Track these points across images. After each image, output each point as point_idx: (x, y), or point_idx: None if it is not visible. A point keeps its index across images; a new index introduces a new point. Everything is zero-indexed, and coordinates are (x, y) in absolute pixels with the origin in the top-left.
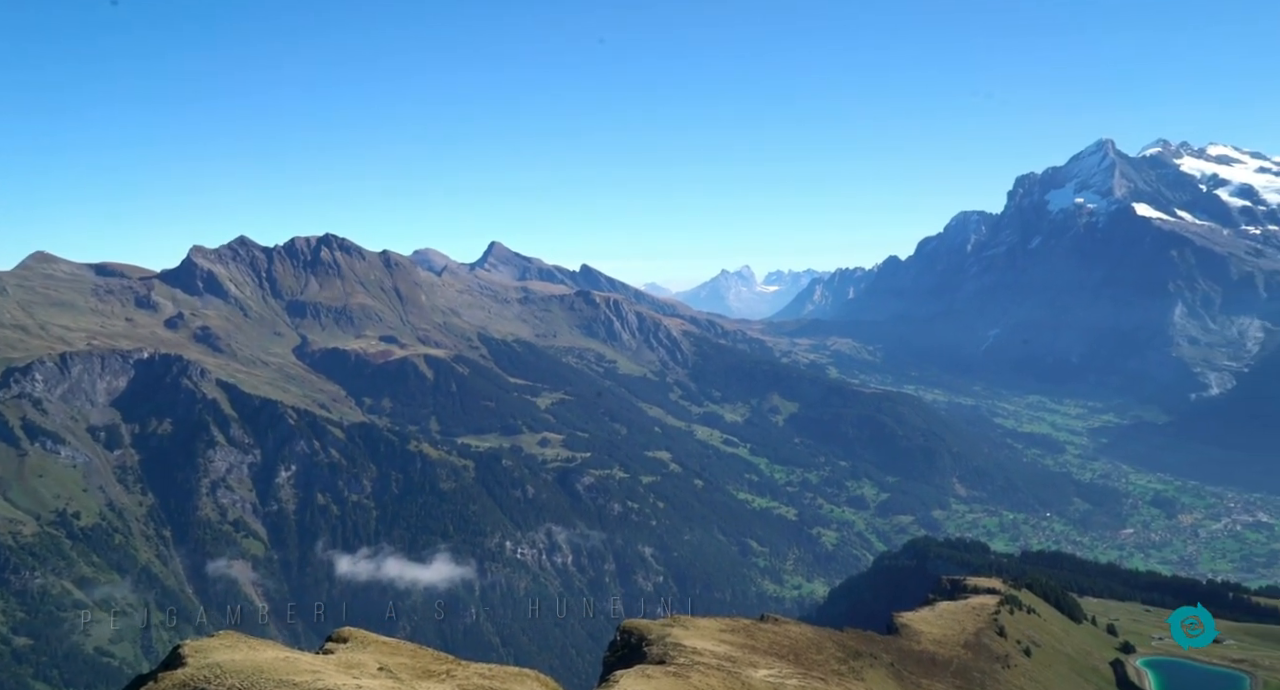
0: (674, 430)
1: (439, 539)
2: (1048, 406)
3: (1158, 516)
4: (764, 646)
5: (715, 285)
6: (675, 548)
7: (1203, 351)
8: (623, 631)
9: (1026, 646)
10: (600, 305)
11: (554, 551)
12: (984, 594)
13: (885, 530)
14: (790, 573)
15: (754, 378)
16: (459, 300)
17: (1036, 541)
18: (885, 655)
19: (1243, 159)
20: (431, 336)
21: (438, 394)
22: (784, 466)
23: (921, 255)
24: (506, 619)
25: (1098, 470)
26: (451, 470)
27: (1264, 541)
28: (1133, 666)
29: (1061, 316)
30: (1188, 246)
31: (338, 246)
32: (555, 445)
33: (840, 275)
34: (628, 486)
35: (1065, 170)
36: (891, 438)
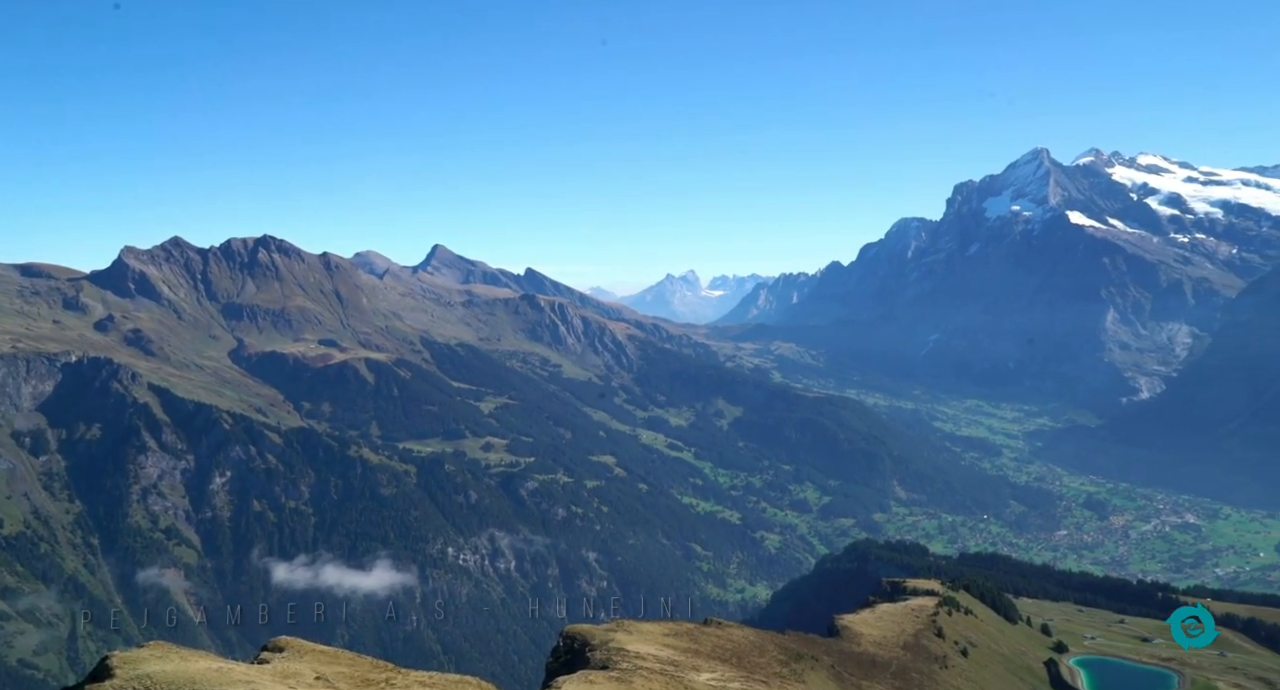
0: (619, 434)
1: (379, 545)
2: (985, 410)
3: (1090, 518)
4: (707, 650)
5: (660, 290)
6: (619, 552)
7: (1133, 357)
8: (565, 637)
9: (964, 647)
10: (545, 309)
11: (497, 557)
12: (923, 596)
13: (827, 533)
14: (733, 576)
15: (699, 382)
16: (401, 303)
17: (974, 543)
18: (826, 657)
19: (1171, 169)
20: (373, 340)
21: (379, 398)
22: (728, 470)
23: (863, 261)
24: (448, 626)
25: (1033, 473)
26: (393, 475)
27: (1191, 542)
28: (1066, 666)
29: (999, 322)
30: (1119, 254)
31: (276, 248)
32: (499, 450)
33: (784, 280)
34: (572, 491)
35: (1002, 178)
36: (834, 441)
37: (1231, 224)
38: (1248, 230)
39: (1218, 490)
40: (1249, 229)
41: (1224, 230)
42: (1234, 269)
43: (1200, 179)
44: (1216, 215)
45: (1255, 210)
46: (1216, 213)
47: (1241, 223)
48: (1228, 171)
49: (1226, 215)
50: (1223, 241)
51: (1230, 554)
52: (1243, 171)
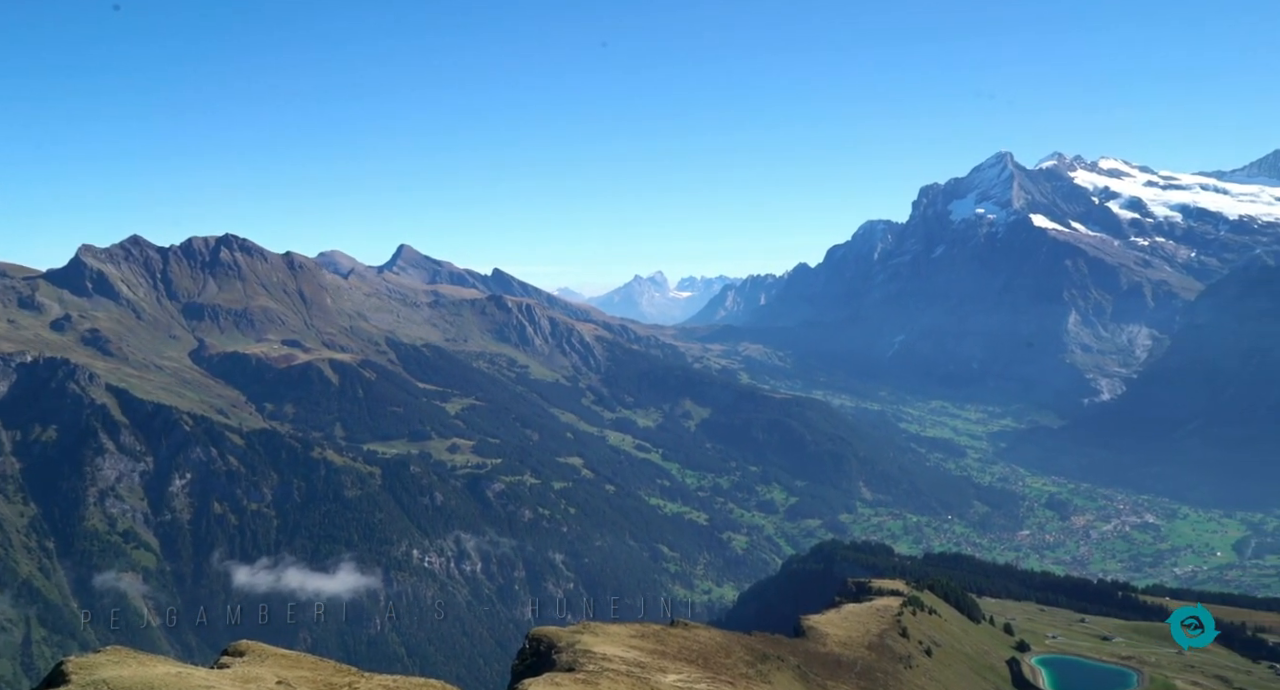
0: (586, 436)
1: (343, 548)
2: (950, 411)
3: (1052, 518)
4: (673, 652)
5: (629, 291)
6: (586, 554)
7: (1095, 358)
8: (531, 639)
9: (928, 647)
10: (513, 310)
11: (463, 559)
12: (888, 596)
13: (794, 534)
14: (701, 577)
15: (666, 383)
16: (366, 303)
17: (938, 543)
18: (792, 658)
19: (1132, 173)
20: (337, 340)
21: (343, 399)
22: (695, 472)
23: (831, 263)
24: (413, 629)
25: (996, 473)
26: (357, 477)
27: (1150, 542)
28: (1028, 664)
29: (964, 323)
30: (1081, 257)
31: (238, 247)
32: (465, 451)
33: (752, 282)
34: (539, 493)
35: (967, 181)
36: (801, 442)
37: (1190, 228)
38: (1206, 234)
39: (1176, 490)
40: (1207, 232)
41: (1183, 234)
42: (1192, 272)
43: (1160, 183)
44: (1175, 219)
45: (1213, 214)
46: (1175, 216)
47: (1200, 226)
48: (1187, 176)
49: (1185, 219)
50: (1181, 245)
51: (1188, 553)
52: (1201, 176)
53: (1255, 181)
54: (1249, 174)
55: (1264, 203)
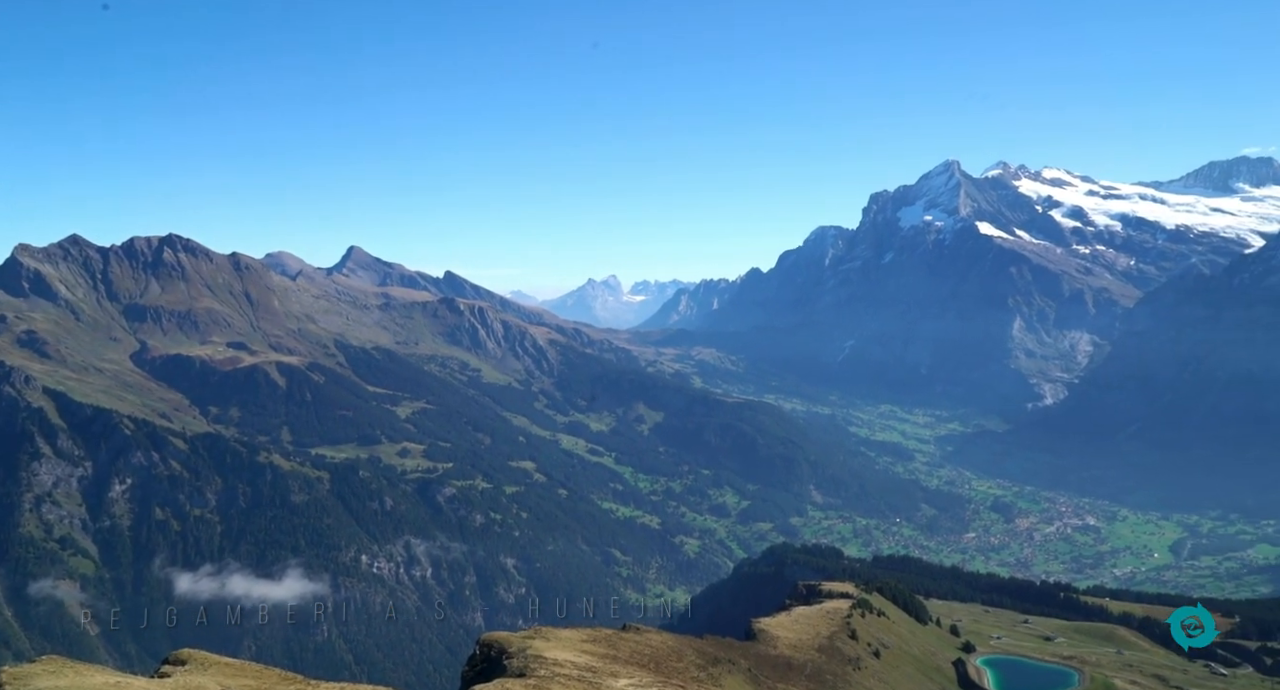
0: (539, 440)
1: (289, 554)
2: (899, 415)
3: (997, 521)
4: (625, 656)
5: (582, 294)
6: (538, 558)
7: (1038, 364)
8: (482, 645)
9: (876, 648)
10: (465, 312)
11: (412, 565)
12: (838, 598)
13: (746, 537)
14: (653, 581)
15: (620, 387)
16: (315, 306)
17: (887, 546)
18: (743, 661)
19: (1074, 182)
20: (285, 343)
21: (291, 403)
22: (648, 475)
23: (783, 268)
24: (361, 636)
25: (944, 477)
26: (304, 482)
27: (1091, 544)
28: (973, 665)
29: (912, 329)
30: (1025, 264)
31: (182, 247)
32: (416, 455)
33: (705, 286)
34: (490, 497)
35: (915, 188)
36: (753, 446)
37: (1129, 236)
38: (1144, 243)
39: (1116, 493)
40: (1145, 241)
41: (1122, 242)
42: (1132, 280)
43: (1101, 193)
44: (1115, 228)
45: (1151, 223)
46: (1115, 225)
47: (1138, 235)
48: (1126, 186)
49: (1125, 228)
50: (1121, 253)
51: (1127, 555)
52: (1140, 186)
53: (1191, 192)
54: (1185, 185)
55: (1199, 213)
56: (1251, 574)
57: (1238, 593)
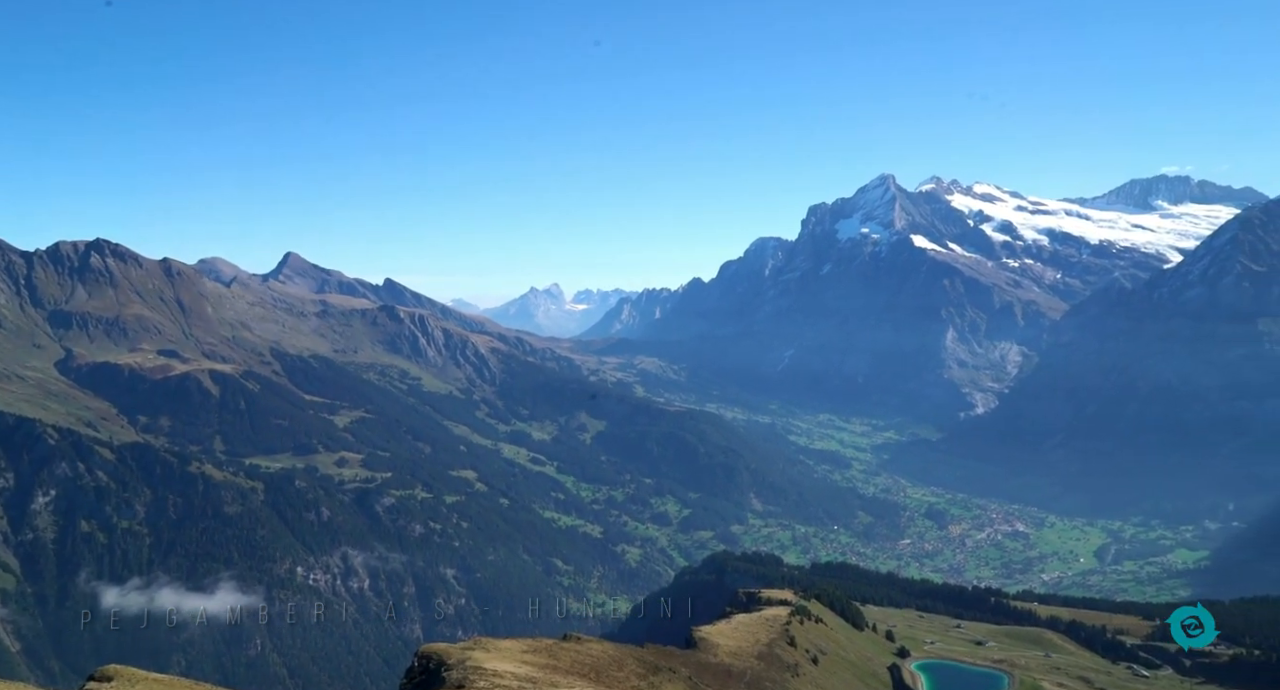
0: (480, 449)
1: (222, 566)
2: (837, 424)
3: (931, 527)
4: (566, 666)
5: (524, 302)
6: (479, 568)
7: (970, 374)
8: (420, 656)
9: (814, 655)
10: (405, 320)
11: (349, 576)
12: (777, 606)
13: (687, 546)
14: (594, 590)
15: (562, 396)
16: (250, 313)
17: (825, 553)
18: (684, 669)
19: (1004, 198)
20: (218, 351)
21: (224, 412)
22: (591, 484)
23: (724, 278)
24: (295, 649)
25: (880, 485)
26: (238, 492)
27: (1021, 550)
28: (908, 670)
29: (849, 339)
30: (958, 276)
31: (110, 252)
32: (354, 465)
33: (647, 295)
34: (430, 507)
35: (852, 201)
36: (694, 455)
37: (1056, 251)
38: (1070, 257)
39: (1044, 500)
40: (1071, 256)
41: (1049, 256)
42: (1058, 293)
43: (1029, 208)
44: (1043, 242)
45: (1076, 238)
46: (1043, 240)
47: (1064, 250)
48: (1053, 201)
49: (1052, 242)
50: (1048, 267)
51: (1055, 560)
52: (1066, 202)
53: (1114, 209)
54: (1108, 201)
55: (1121, 229)
56: (1171, 578)
57: (1158, 596)
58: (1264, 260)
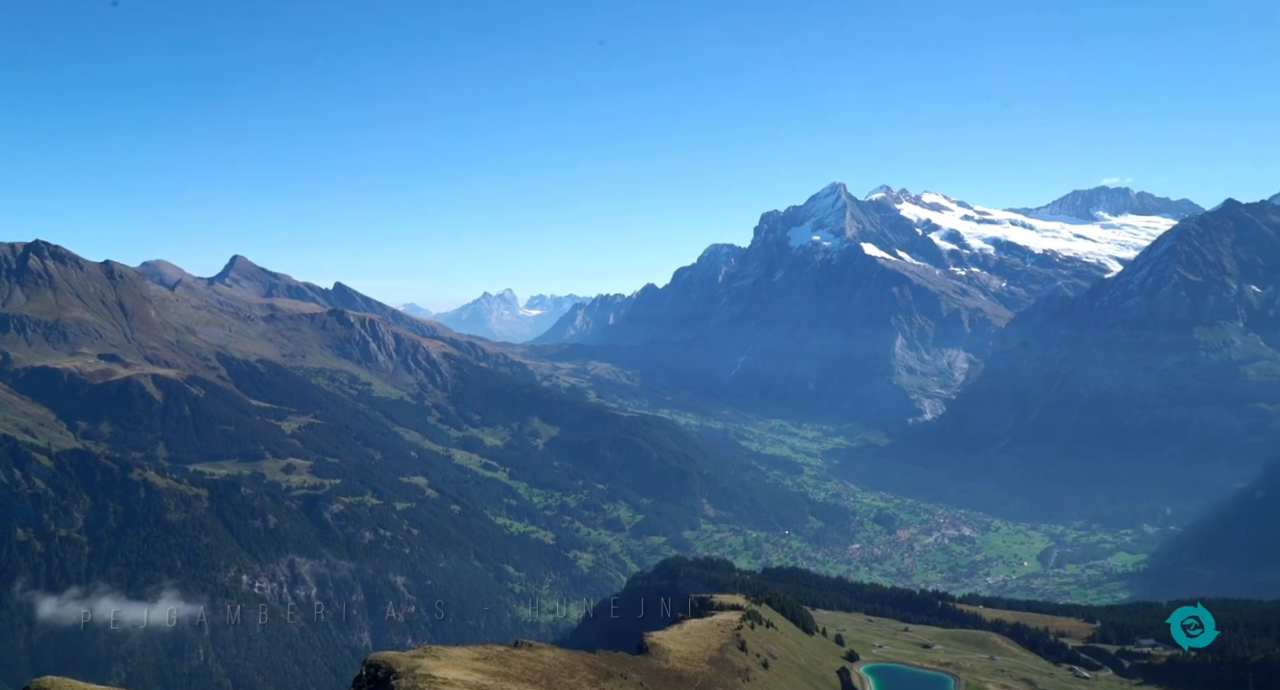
0: (431, 454)
1: (164, 575)
2: (788, 430)
3: (880, 532)
4: (517, 673)
5: (477, 307)
6: (429, 576)
7: (918, 380)
8: (369, 665)
9: (765, 659)
10: (355, 325)
11: (296, 584)
12: (728, 611)
13: (639, 551)
14: (546, 597)
15: (515, 401)
16: (195, 317)
17: (776, 558)
18: (635, 675)
19: (951, 207)
20: (161, 355)
21: (168, 417)
22: (543, 490)
23: (677, 284)
24: (240, 658)
25: (830, 490)
26: (181, 500)
27: (967, 554)
28: (856, 673)
29: (801, 346)
30: (907, 284)
31: (50, 254)
32: (302, 471)
33: (601, 301)
34: (380, 513)
35: (804, 209)
36: (647, 460)
37: (1001, 259)
38: (1015, 266)
39: (989, 505)
40: (1015, 264)
41: (995, 265)
42: (1003, 301)
43: (975, 217)
44: (989, 251)
45: (1021, 248)
46: (989, 249)
47: (1009, 259)
48: (998, 211)
49: (997, 251)
50: (994, 275)
51: (1000, 564)
52: (1011, 212)
53: (1057, 219)
54: (1051, 212)
55: (1064, 239)
56: (1111, 580)
57: (1099, 599)
58: (1200, 271)
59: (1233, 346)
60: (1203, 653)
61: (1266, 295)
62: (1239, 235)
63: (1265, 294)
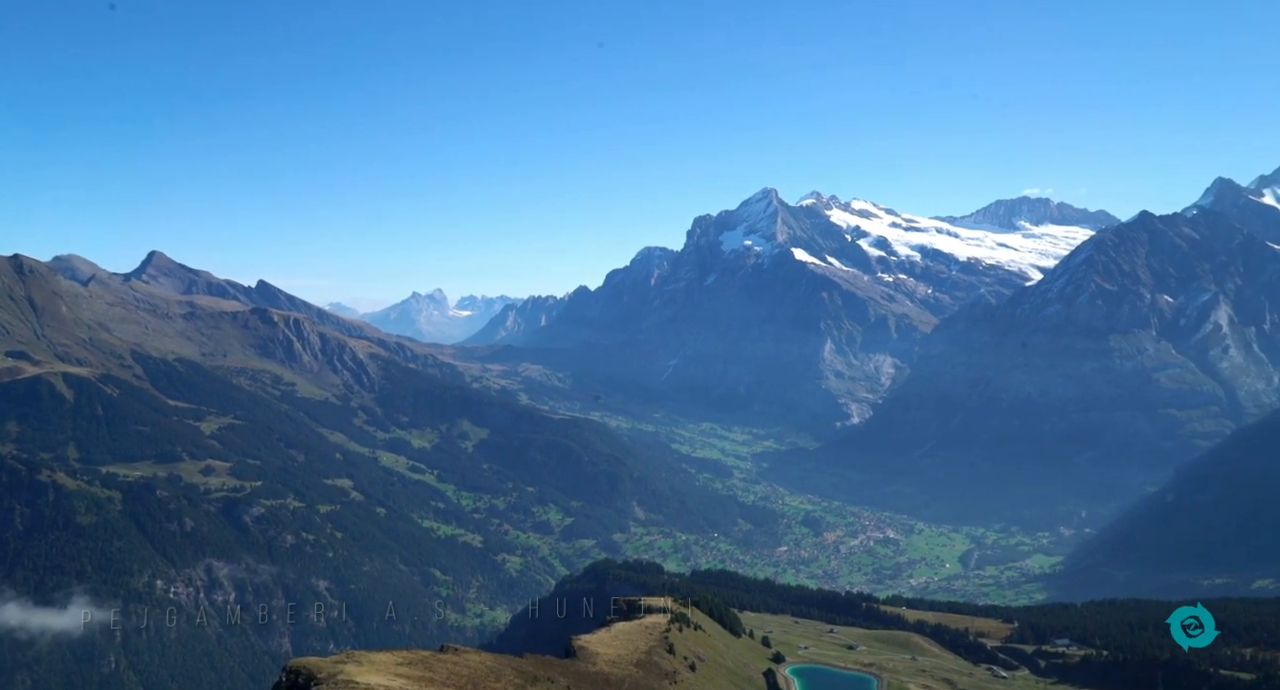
0: (357, 457)
1: (74, 580)
2: (719, 433)
3: (807, 535)
4: (442, 678)
5: (406, 308)
6: (353, 580)
7: (846, 384)
8: (288, 671)
9: (692, 662)
10: (279, 324)
11: (214, 589)
12: (657, 613)
13: (569, 554)
14: (473, 601)
15: (444, 403)
16: (110, 314)
17: (705, 561)
18: (562, 679)
19: (879, 214)
20: (73, 353)
21: (79, 417)
22: (472, 493)
23: (610, 286)
24: (153, 665)
25: (759, 493)
26: (93, 502)
27: (891, 556)
28: (782, 675)
29: (732, 349)
30: (836, 290)
31: None
32: (221, 474)
33: (533, 303)
34: (303, 516)
35: (737, 214)
36: (578, 463)
37: (927, 267)
38: (940, 273)
39: (913, 507)
40: (941, 271)
41: (921, 272)
42: (929, 307)
43: (903, 225)
44: (915, 258)
45: (946, 255)
46: (915, 256)
47: (935, 266)
48: (925, 219)
49: (923, 258)
50: (920, 282)
51: (922, 565)
52: (937, 220)
53: (981, 227)
54: (975, 220)
55: (987, 247)
56: (1029, 582)
57: (1017, 599)
58: (1115, 280)
59: (1146, 354)
60: (1114, 652)
61: (1178, 305)
62: (1152, 246)
63: (1177, 304)
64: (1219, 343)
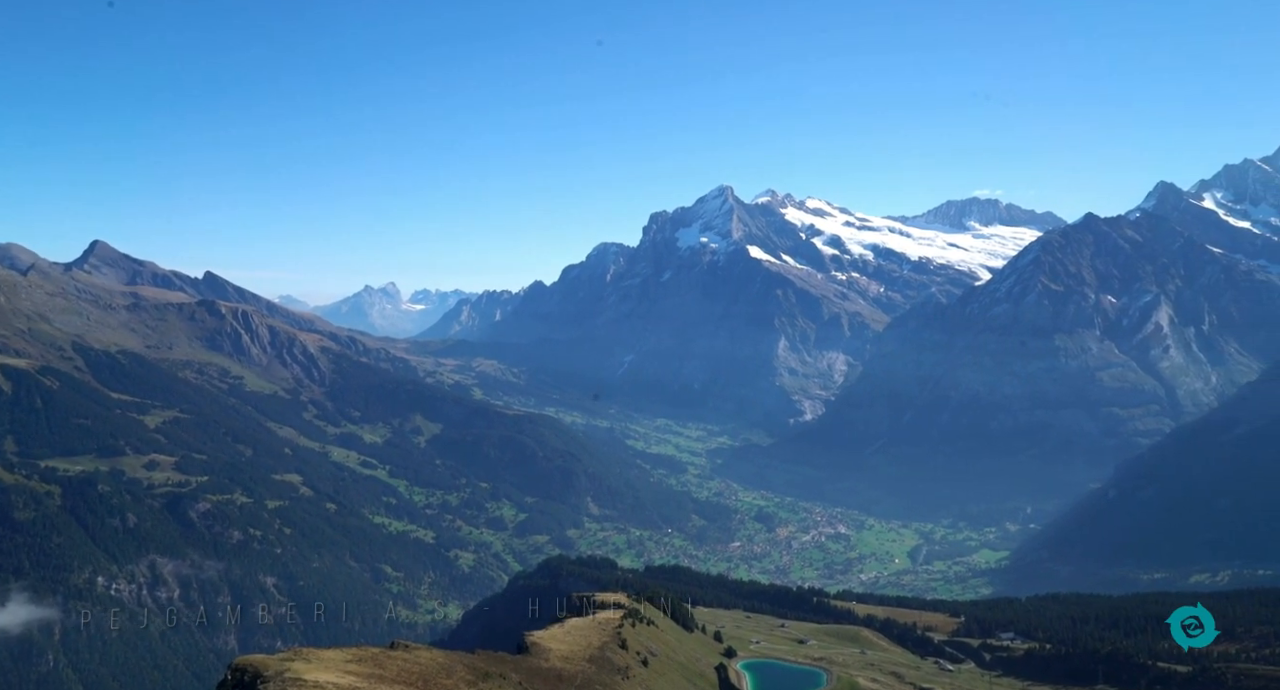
0: (307, 451)
1: (11, 576)
2: (674, 429)
3: (760, 530)
4: (392, 675)
5: (358, 301)
6: (302, 576)
7: (800, 382)
8: (234, 669)
9: (644, 657)
10: (226, 316)
11: (157, 585)
12: (610, 609)
13: (522, 550)
14: (425, 597)
15: (396, 398)
16: (50, 304)
17: (659, 556)
18: (514, 675)
19: (834, 213)
20: (11, 344)
21: (17, 410)
22: (424, 488)
23: (565, 282)
24: (94, 664)
25: (713, 489)
26: (31, 497)
27: (842, 551)
28: (734, 669)
29: (688, 346)
30: (790, 287)
31: None
32: (166, 468)
33: (488, 297)
34: (250, 512)
35: (693, 211)
36: (532, 459)
37: (880, 265)
38: (892, 272)
39: (864, 503)
40: (893, 271)
41: (874, 271)
42: (881, 305)
43: (856, 224)
44: (868, 257)
45: (898, 254)
46: (868, 255)
47: (887, 265)
48: (878, 218)
49: (876, 257)
50: (873, 281)
51: (873, 560)
52: (889, 219)
53: (932, 227)
54: (927, 220)
55: (938, 247)
56: (975, 576)
57: (964, 594)
58: (1061, 281)
59: (1090, 354)
60: (1057, 645)
61: (1121, 306)
62: (1097, 248)
63: (1120, 304)
64: (1160, 343)
